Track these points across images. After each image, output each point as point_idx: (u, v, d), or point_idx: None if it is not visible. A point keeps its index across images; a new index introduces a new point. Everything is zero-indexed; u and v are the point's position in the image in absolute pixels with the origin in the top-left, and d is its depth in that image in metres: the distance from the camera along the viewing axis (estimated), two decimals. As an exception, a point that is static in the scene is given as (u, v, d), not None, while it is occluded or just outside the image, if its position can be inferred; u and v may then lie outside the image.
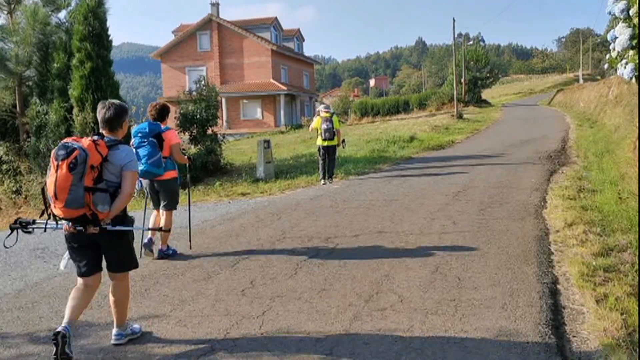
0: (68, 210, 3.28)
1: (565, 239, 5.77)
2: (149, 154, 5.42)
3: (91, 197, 3.31)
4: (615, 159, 11.58)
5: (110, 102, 3.62)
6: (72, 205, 3.25)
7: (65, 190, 3.22)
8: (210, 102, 15.11)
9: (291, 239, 6.25)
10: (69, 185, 3.22)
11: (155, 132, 5.50)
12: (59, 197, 3.24)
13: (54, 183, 3.24)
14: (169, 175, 5.73)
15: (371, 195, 9.19)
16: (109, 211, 3.39)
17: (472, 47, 53.31)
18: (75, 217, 3.32)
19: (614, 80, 24.47)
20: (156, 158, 5.45)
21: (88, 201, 3.30)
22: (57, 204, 3.28)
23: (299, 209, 8.31)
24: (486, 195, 8.61)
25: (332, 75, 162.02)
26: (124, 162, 3.45)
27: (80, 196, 3.26)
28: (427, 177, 11.10)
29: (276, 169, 14.07)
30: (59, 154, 3.24)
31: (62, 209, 3.28)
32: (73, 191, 3.23)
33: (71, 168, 3.21)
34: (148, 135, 5.47)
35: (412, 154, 16.61)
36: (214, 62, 41.84)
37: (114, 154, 3.43)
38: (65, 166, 3.21)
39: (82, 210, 3.30)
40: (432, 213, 7.38)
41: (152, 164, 5.44)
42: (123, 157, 3.47)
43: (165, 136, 5.61)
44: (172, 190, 5.83)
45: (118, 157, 3.44)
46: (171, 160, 5.74)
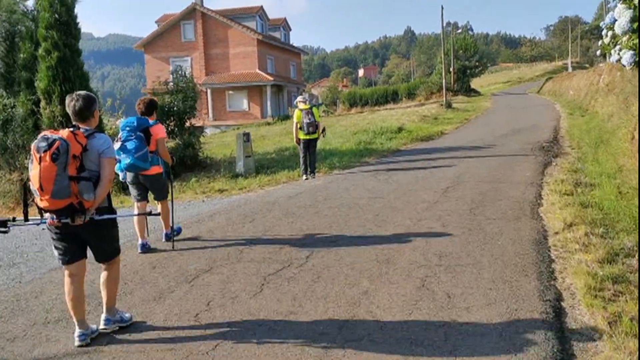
0: (55, 201, 3.32)
1: (566, 243, 5.18)
2: (136, 148, 5.42)
3: (76, 186, 3.37)
4: (611, 149, 11.03)
5: (77, 93, 3.66)
6: (58, 195, 3.30)
7: (51, 181, 3.26)
8: (187, 94, 14.35)
9: (262, 246, 5.60)
10: (54, 175, 3.26)
11: (143, 126, 5.54)
12: (44, 188, 3.28)
13: (39, 175, 3.27)
14: (155, 170, 5.77)
15: (354, 192, 8.56)
16: (94, 199, 3.45)
17: (461, 35, 52.64)
18: (62, 208, 3.37)
19: (604, 68, 23.96)
20: (143, 152, 5.45)
21: (74, 190, 3.36)
22: (43, 195, 3.31)
23: (275, 209, 7.66)
24: (477, 191, 8.00)
25: (320, 65, 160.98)
26: (101, 149, 3.53)
27: (66, 186, 3.31)
28: (414, 171, 10.48)
29: (257, 163, 13.39)
30: (40, 146, 3.29)
31: (48, 200, 3.31)
32: (58, 181, 3.28)
33: (54, 158, 3.26)
34: (136, 130, 5.49)
35: (400, 146, 15.99)
36: (198, 52, 40.87)
37: (92, 142, 3.51)
38: (48, 157, 3.25)
39: (69, 199, 3.35)
40: (419, 213, 6.76)
41: (138, 158, 5.43)
42: (100, 145, 3.54)
43: (153, 130, 5.65)
44: (159, 184, 5.93)
45: (96, 145, 3.52)
46: (157, 155, 5.76)
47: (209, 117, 40.22)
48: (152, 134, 5.62)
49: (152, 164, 5.67)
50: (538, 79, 67.52)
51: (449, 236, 5.57)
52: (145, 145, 5.49)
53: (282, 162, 13.81)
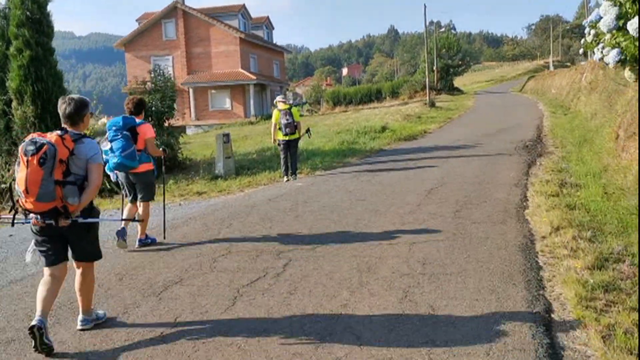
0: (39, 204, 3.36)
1: (554, 248, 4.98)
2: (122, 147, 5.47)
3: (62, 190, 3.41)
4: (595, 148, 10.93)
5: (70, 97, 3.66)
6: (43, 198, 3.34)
7: (37, 184, 3.29)
8: (165, 93, 13.97)
9: (237, 254, 5.31)
10: (40, 179, 3.29)
11: (129, 125, 5.57)
12: (30, 191, 3.31)
13: (25, 178, 3.30)
14: (144, 168, 5.78)
15: (336, 195, 8.30)
16: (78, 203, 3.49)
17: (444, 34, 52.74)
18: (46, 211, 3.40)
19: (586, 66, 24.07)
20: (129, 151, 5.50)
21: (59, 194, 3.40)
22: (28, 198, 3.34)
23: (253, 213, 7.37)
24: (462, 193, 7.80)
25: (304, 64, 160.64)
26: (89, 154, 3.55)
27: (51, 190, 3.35)
28: (398, 172, 10.27)
29: (238, 164, 13.08)
30: (28, 150, 3.31)
31: (33, 203, 3.35)
32: (44, 185, 3.31)
33: (41, 163, 3.29)
34: (122, 129, 5.53)
35: (384, 146, 15.78)
36: (180, 51, 40.30)
37: (79, 147, 3.52)
38: (35, 161, 3.28)
39: (53, 203, 3.39)
40: (402, 217, 6.52)
41: (125, 157, 5.48)
42: (88, 150, 3.55)
43: (140, 130, 5.67)
44: (148, 182, 5.90)
45: (83, 150, 3.53)
46: (146, 153, 5.78)
47: (191, 116, 39.72)
48: (139, 133, 5.65)
49: (141, 162, 5.72)
50: (520, 77, 68.00)
51: (433, 242, 5.33)
52: (132, 144, 5.54)
53: (263, 162, 13.51)
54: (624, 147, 8.84)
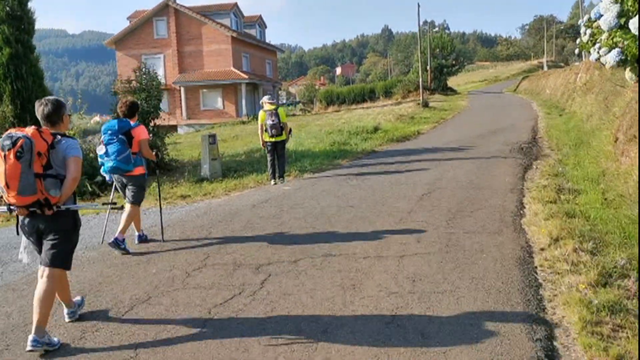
0: (22, 198, 3.39)
1: (554, 263, 4.63)
2: (118, 151, 5.52)
3: (42, 183, 3.43)
4: (592, 151, 10.61)
5: (46, 98, 3.70)
6: (24, 192, 3.37)
7: (16, 178, 3.32)
8: (151, 93, 13.53)
9: (213, 267, 4.92)
10: (19, 173, 3.32)
11: (124, 129, 5.61)
12: (10, 185, 3.35)
13: (4, 173, 3.32)
14: (138, 171, 5.80)
15: (324, 200, 7.92)
16: (60, 196, 3.51)
17: (438, 34, 52.48)
18: (29, 204, 3.43)
19: (581, 67, 23.83)
20: (125, 155, 5.55)
21: (40, 187, 3.42)
22: (10, 192, 3.37)
23: (236, 220, 6.97)
24: (455, 199, 7.45)
25: (298, 63, 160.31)
26: (66, 151, 3.57)
27: (32, 183, 3.37)
28: (389, 176, 9.91)
29: (225, 166, 12.67)
30: (5, 144, 3.33)
31: (15, 197, 3.39)
32: (24, 179, 3.33)
33: (18, 156, 3.31)
34: (117, 133, 5.56)
35: (375, 147, 15.42)
36: (171, 49, 39.79)
37: (59, 145, 3.56)
38: (12, 155, 3.30)
39: (35, 196, 3.42)
40: (392, 225, 6.15)
41: (121, 161, 5.53)
42: (65, 148, 3.58)
43: (135, 132, 5.70)
44: (140, 185, 5.91)
45: (61, 148, 3.56)
46: (140, 156, 5.80)
47: (182, 116, 39.24)
48: (133, 136, 5.67)
49: (136, 165, 5.74)
50: (514, 77, 67.88)
51: (424, 255, 4.97)
52: (127, 148, 5.58)
53: (251, 164, 13.12)
54: (623, 151, 8.52)
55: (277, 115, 9.83)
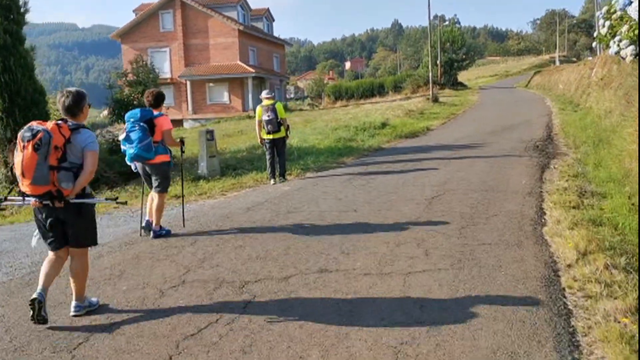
0: (35, 187, 3.53)
1: (585, 283, 3.98)
2: (139, 139, 5.60)
3: (56, 175, 3.57)
4: (614, 150, 9.89)
5: (67, 90, 3.83)
6: (38, 182, 3.51)
7: (32, 168, 3.47)
8: (147, 86, 12.97)
9: (192, 286, 4.30)
10: (35, 164, 3.47)
11: (146, 117, 5.70)
12: (26, 175, 3.51)
13: (21, 162, 3.50)
14: (160, 159, 5.85)
15: (324, 203, 7.29)
16: (72, 188, 3.64)
17: (448, 28, 51.46)
18: (41, 194, 3.58)
19: (597, 61, 22.98)
20: (146, 142, 5.62)
21: (53, 179, 3.56)
22: (24, 181, 3.54)
23: (227, 225, 6.36)
24: (467, 203, 6.79)
25: (307, 57, 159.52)
26: (85, 143, 3.70)
27: (45, 174, 3.51)
28: (395, 175, 9.25)
29: (225, 163, 12.08)
30: (25, 136, 3.51)
31: (29, 186, 3.54)
32: (38, 169, 3.48)
33: (36, 148, 3.47)
34: (139, 121, 5.66)
35: (383, 144, 14.76)
36: (177, 42, 39.27)
37: (77, 137, 3.68)
38: (30, 147, 3.46)
39: (48, 187, 3.56)
40: (397, 234, 5.51)
41: (142, 148, 5.61)
42: (84, 139, 3.70)
43: (158, 122, 5.80)
44: (164, 173, 5.97)
45: (80, 140, 3.69)
46: (163, 145, 5.88)
47: (188, 110, 38.74)
48: (156, 125, 5.76)
49: (157, 154, 5.80)
50: (525, 72, 66.82)
51: (433, 272, 4.32)
52: (148, 136, 5.65)
53: (252, 161, 12.50)
54: (651, 151, 7.83)
55: (274, 110, 9.25)
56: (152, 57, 40.17)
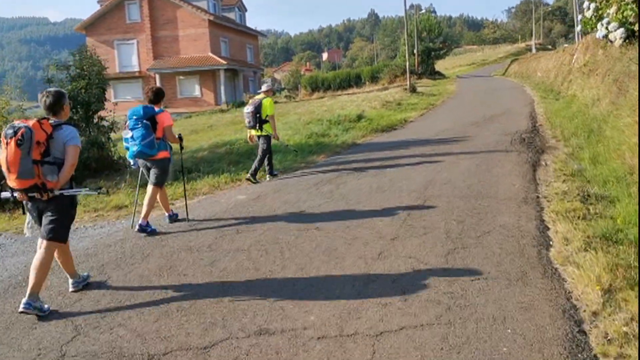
0: (21, 181, 3.73)
1: (622, 344, 2.86)
2: (142, 136, 5.63)
3: (40, 169, 3.77)
4: (610, 143, 8.86)
5: (47, 90, 4.05)
6: (23, 176, 3.70)
7: (16, 163, 3.65)
8: (91, 80, 11.52)
9: (74, 358, 3.06)
10: (19, 159, 3.64)
11: (149, 114, 5.73)
12: (11, 169, 3.69)
13: (6, 158, 3.67)
14: (161, 155, 5.89)
15: (282, 220, 6.04)
16: (57, 181, 3.85)
17: (424, 16, 50.42)
18: (27, 187, 3.78)
19: (578, 47, 22.12)
20: (149, 139, 5.65)
21: (38, 172, 3.75)
22: (10, 176, 3.73)
23: (155, 253, 5.09)
24: (453, 214, 5.64)
25: (284, 49, 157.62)
26: (66, 139, 3.90)
27: (30, 168, 3.69)
28: (369, 179, 8.08)
29: (178, 164, 10.71)
30: (7, 133, 3.68)
31: (15, 180, 3.73)
32: (23, 164, 3.66)
33: (19, 144, 3.63)
34: (142, 118, 5.68)
35: (357, 139, 13.58)
36: (145, 34, 37.52)
37: (58, 132, 3.89)
38: (13, 143, 3.63)
39: (33, 180, 3.75)
40: (367, 263, 4.33)
41: (145, 145, 5.64)
42: (65, 135, 3.91)
43: (159, 118, 5.82)
44: (163, 168, 6.02)
45: (62, 135, 3.90)
46: (164, 141, 5.89)
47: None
48: (158, 121, 5.77)
49: (159, 150, 5.82)
50: (502, 60, 66.42)
51: (414, 329, 3.14)
52: (151, 133, 5.66)
53: (213, 162, 11.22)
54: (662, 146, 6.80)
55: (257, 105, 8.67)
56: (119, 49, 38.42)
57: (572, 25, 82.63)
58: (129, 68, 38.26)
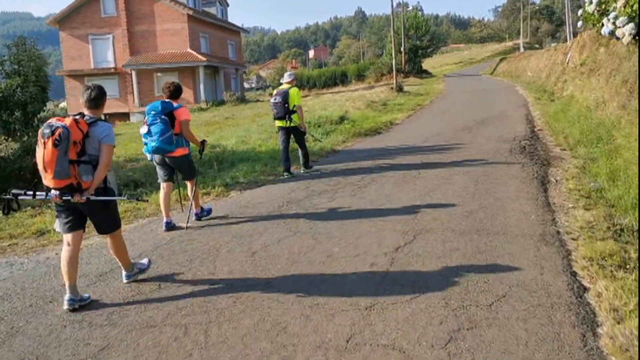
0: (57, 181, 3.68)
1: None
2: (161, 131, 5.60)
3: (76, 168, 3.73)
4: (627, 154, 7.50)
5: (93, 84, 4.02)
6: (59, 176, 3.66)
7: (53, 163, 3.62)
8: (28, 77, 9.92)
9: None
10: (55, 158, 3.61)
11: (167, 110, 5.68)
12: (47, 169, 3.66)
13: (43, 157, 3.64)
14: (180, 152, 5.82)
15: (224, 266, 4.54)
16: (92, 181, 3.81)
17: (412, 13, 49.10)
18: (63, 187, 3.73)
19: (572, 45, 20.90)
20: (167, 135, 5.62)
21: (74, 172, 3.72)
22: (47, 175, 3.69)
23: (26, 332, 3.60)
24: (452, 262, 4.19)
25: (270, 46, 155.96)
26: (101, 135, 3.85)
27: (66, 168, 3.66)
28: (345, 200, 6.62)
29: (123, 179, 9.14)
30: (45, 132, 3.63)
31: (52, 180, 3.69)
32: (59, 164, 3.62)
33: (55, 144, 3.59)
34: (160, 113, 5.64)
35: (337, 144, 12.14)
36: (121, 29, 35.74)
37: (94, 130, 3.84)
38: (50, 143, 3.59)
39: (69, 180, 3.71)
40: (339, 350, 2.89)
41: (163, 141, 5.61)
42: (101, 132, 3.86)
43: (177, 113, 5.76)
44: (187, 164, 5.99)
45: (97, 132, 3.85)
46: (182, 137, 5.83)
47: (134, 102, 35.31)
48: (176, 116, 5.71)
49: (177, 146, 5.76)
50: (489, 59, 65.56)
51: None
52: (170, 129, 5.62)
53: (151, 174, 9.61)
54: None
55: (284, 94, 8.48)
56: (94, 44, 36.54)
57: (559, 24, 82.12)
58: (104, 64, 36.46)
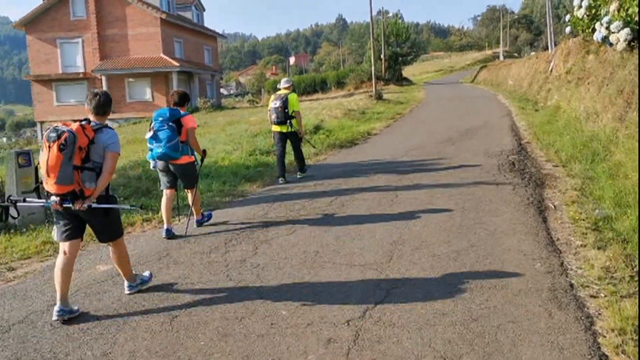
0: (59, 186, 3.56)
1: None
2: (168, 138, 5.55)
3: (80, 175, 3.63)
4: (631, 173, 6.56)
5: (101, 90, 3.96)
6: (62, 181, 3.54)
7: (56, 168, 3.50)
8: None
9: None
10: (60, 163, 3.49)
11: (175, 117, 5.64)
12: (50, 174, 3.54)
13: (46, 162, 3.52)
14: (185, 160, 5.78)
15: (144, 328, 3.46)
16: (94, 188, 3.70)
17: (392, 20, 48.45)
18: (65, 193, 3.61)
19: (555, 52, 20.22)
20: (174, 142, 5.58)
21: (77, 178, 3.62)
22: (49, 180, 3.56)
23: None
24: (437, 336, 3.14)
25: (251, 52, 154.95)
26: (107, 143, 3.76)
27: (70, 174, 3.55)
28: (307, 234, 5.52)
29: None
30: (50, 136, 3.53)
31: (54, 185, 3.56)
32: (63, 169, 3.51)
33: (61, 149, 3.49)
34: (168, 120, 5.60)
35: (308, 157, 11.05)
36: (91, 32, 34.33)
37: (100, 136, 3.74)
38: (55, 147, 3.48)
39: (72, 186, 3.59)
40: None
41: (169, 147, 5.56)
42: (107, 139, 3.77)
43: (184, 121, 5.72)
44: (190, 172, 5.96)
45: (103, 139, 3.75)
46: (187, 145, 5.79)
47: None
48: (182, 124, 5.67)
49: (183, 154, 5.72)
50: (470, 67, 65.48)
51: None
52: (176, 135, 5.58)
53: (117, 190, 8.43)
54: None
55: (283, 99, 8.45)
56: (62, 48, 34.99)
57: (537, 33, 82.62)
58: (73, 69, 34.99)
